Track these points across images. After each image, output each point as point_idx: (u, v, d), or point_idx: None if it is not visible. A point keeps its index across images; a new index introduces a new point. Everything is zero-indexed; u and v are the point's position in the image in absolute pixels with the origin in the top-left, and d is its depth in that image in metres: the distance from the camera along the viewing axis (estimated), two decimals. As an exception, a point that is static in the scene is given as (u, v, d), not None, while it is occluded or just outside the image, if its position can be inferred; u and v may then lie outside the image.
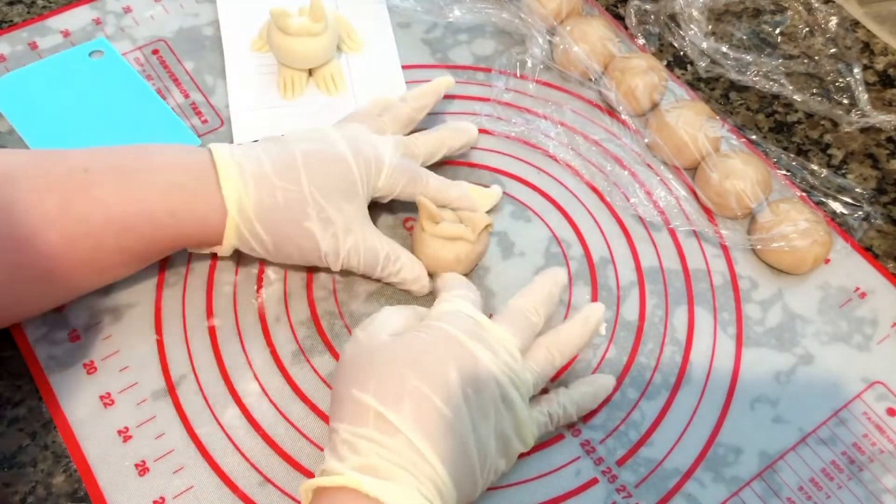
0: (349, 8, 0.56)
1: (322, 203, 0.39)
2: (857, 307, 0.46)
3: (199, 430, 0.39)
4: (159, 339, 0.42)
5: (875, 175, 0.51)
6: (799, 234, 0.44)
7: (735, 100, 0.54)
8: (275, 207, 0.39)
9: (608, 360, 0.43)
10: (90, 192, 0.36)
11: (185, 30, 0.54)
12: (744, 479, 0.40)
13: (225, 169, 0.38)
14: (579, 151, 0.50)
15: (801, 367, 0.43)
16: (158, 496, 0.38)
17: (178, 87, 0.52)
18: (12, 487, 0.38)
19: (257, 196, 0.39)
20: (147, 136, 0.48)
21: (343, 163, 0.40)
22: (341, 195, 0.40)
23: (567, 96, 0.53)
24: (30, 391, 0.40)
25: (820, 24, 0.57)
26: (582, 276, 0.46)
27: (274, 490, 0.38)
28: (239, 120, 0.50)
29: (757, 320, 0.45)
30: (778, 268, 0.46)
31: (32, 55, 0.52)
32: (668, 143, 0.49)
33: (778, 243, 0.45)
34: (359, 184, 0.41)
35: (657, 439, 0.41)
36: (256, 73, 0.52)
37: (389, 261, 0.42)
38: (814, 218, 0.45)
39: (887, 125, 0.53)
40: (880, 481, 0.40)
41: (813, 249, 0.45)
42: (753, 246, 0.46)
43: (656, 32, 0.56)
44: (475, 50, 0.55)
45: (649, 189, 0.49)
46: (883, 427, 0.42)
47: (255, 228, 0.39)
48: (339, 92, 0.52)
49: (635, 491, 0.39)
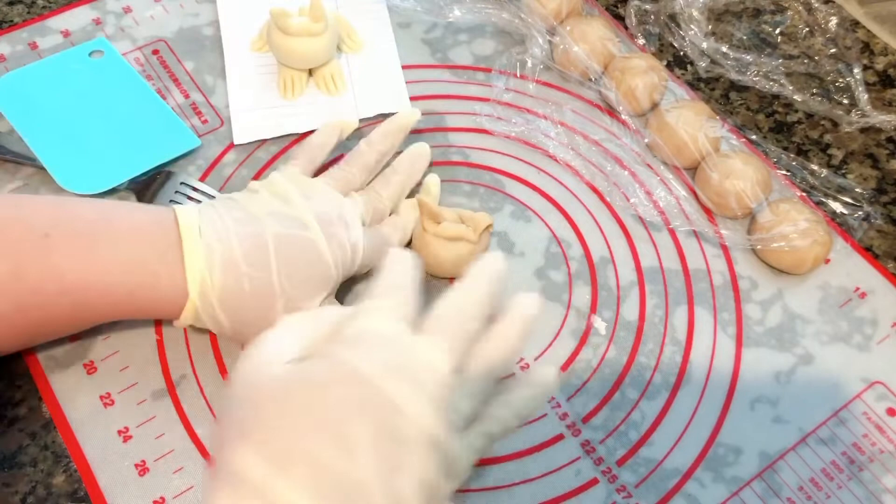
0: (349, 8, 0.56)
1: (291, 293, 0.37)
2: (857, 307, 0.46)
3: (199, 430, 0.39)
4: (159, 339, 0.42)
5: (875, 175, 0.51)
6: (799, 234, 0.44)
7: (735, 100, 0.54)
8: (240, 294, 0.36)
9: (608, 360, 0.43)
10: (48, 259, 0.34)
11: (185, 30, 0.54)
12: (744, 479, 0.40)
13: (191, 249, 0.36)
14: (579, 151, 0.50)
15: (801, 367, 0.43)
16: (158, 496, 0.38)
17: (178, 87, 0.52)
18: (12, 487, 0.38)
19: (222, 281, 0.36)
20: (147, 136, 0.48)
21: (315, 252, 0.38)
22: (312, 286, 0.38)
23: (567, 96, 0.53)
24: (30, 391, 0.40)
25: (820, 24, 0.57)
26: (582, 276, 0.46)
27: (274, 490, 0.38)
28: (239, 120, 0.50)
29: (757, 320, 0.45)
30: (778, 268, 0.46)
31: (32, 55, 0.52)
32: (668, 143, 0.49)
33: (778, 243, 0.45)
34: (332, 274, 0.39)
35: (657, 439, 0.41)
36: (256, 73, 0.52)
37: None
38: (814, 218, 0.45)
39: (887, 125, 0.53)
40: (880, 481, 0.40)
41: (813, 249, 0.45)
42: (753, 246, 0.46)
43: (656, 32, 0.56)
44: (475, 50, 0.55)
45: (649, 189, 0.49)
46: (883, 427, 0.42)
47: (215, 313, 0.37)
48: (339, 92, 0.52)
49: (635, 491, 0.39)
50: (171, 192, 0.46)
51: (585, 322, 0.44)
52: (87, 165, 0.46)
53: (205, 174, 0.48)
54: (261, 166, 0.48)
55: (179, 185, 0.46)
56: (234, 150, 0.49)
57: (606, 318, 0.44)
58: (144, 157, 0.47)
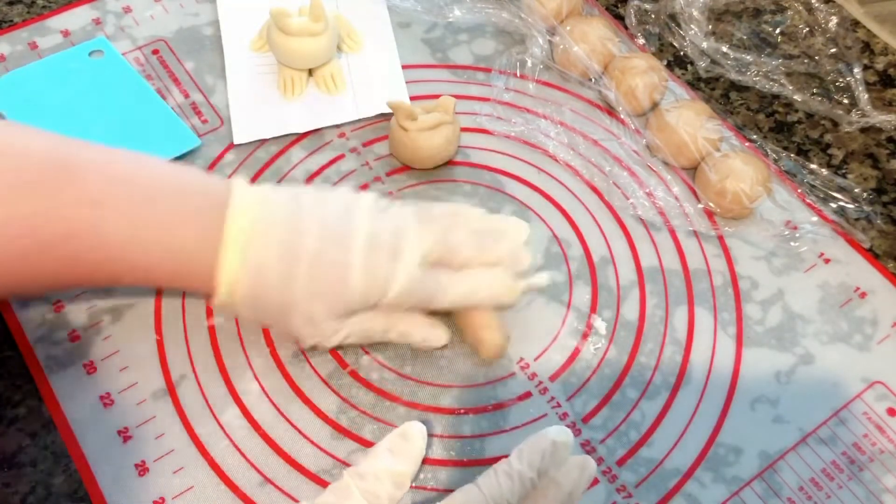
0: (349, 8, 0.56)
1: (310, 311, 0.37)
2: (857, 307, 0.46)
3: (199, 430, 0.39)
4: (159, 339, 0.42)
5: (875, 175, 0.51)
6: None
7: (735, 100, 0.54)
8: (263, 302, 0.37)
9: (608, 360, 0.43)
10: (97, 230, 0.35)
11: (185, 30, 0.54)
12: (744, 479, 0.40)
13: (230, 254, 0.36)
14: (579, 151, 0.50)
15: (801, 366, 0.43)
16: (158, 496, 0.38)
17: (178, 87, 0.52)
18: (12, 487, 0.38)
19: (249, 287, 0.37)
20: (147, 135, 0.48)
21: (345, 278, 0.37)
22: (333, 308, 0.37)
23: (567, 96, 0.53)
24: (30, 391, 0.40)
25: (820, 24, 0.57)
26: (582, 276, 0.46)
27: (274, 490, 0.38)
28: (239, 120, 0.50)
29: (757, 320, 0.45)
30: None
31: (32, 55, 0.52)
32: (668, 143, 0.49)
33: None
34: (356, 300, 0.37)
35: (657, 439, 0.41)
36: (256, 73, 0.52)
37: (386, 335, 0.40)
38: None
39: (887, 125, 0.53)
40: (880, 481, 0.40)
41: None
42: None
43: (656, 32, 0.56)
44: (475, 50, 0.55)
45: (649, 189, 0.49)
46: (883, 427, 0.42)
47: (239, 310, 0.38)
48: (339, 92, 0.52)
49: (635, 491, 0.39)
50: (171, 192, 0.46)
51: (585, 322, 0.44)
52: (87, 165, 0.46)
53: (205, 174, 0.48)
54: (261, 166, 0.48)
55: (179, 185, 0.46)
56: (234, 149, 0.49)
57: (606, 318, 0.44)
58: (144, 157, 0.47)
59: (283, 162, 0.49)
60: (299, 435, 0.40)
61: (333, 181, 0.48)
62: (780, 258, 0.47)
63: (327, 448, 0.39)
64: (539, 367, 0.42)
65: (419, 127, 0.46)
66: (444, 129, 0.47)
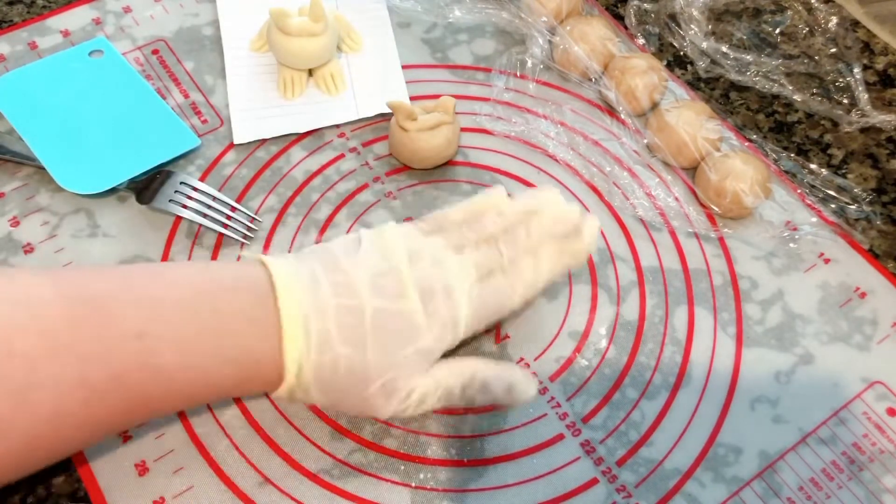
0: (349, 8, 0.56)
1: (388, 373, 0.34)
2: (857, 307, 0.46)
3: (199, 430, 0.39)
4: (159, 339, 0.42)
5: (875, 175, 0.51)
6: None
7: (735, 100, 0.54)
8: (335, 374, 0.34)
9: (608, 360, 0.43)
10: (149, 362, 0.31)
11: (185, 30, 0.54)
12: (744, 479, 0.40)
13: (291, 332, 0.33)
14: (579, 151, 0.50)
15: (801, 366, 0.43)
16: (158, 496, 0.38)
17: (178, 87, 0.52)
18: (12, 487, 0.38)
19: (317, 361, 0.34)
20: (147, 135, 0.48)
21: (414, 328, 0.35)
22: (412, 363, 0.35)
23: (567, 96, 0.53)
24: (30, 391, 0.40)
25: (820, 24, 0.57)
26: (582, 276, 0.46)
27: (274, 490, 0.38)
28: (239, 120, 0.50)
29: (757, 320, 0.45)
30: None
31: (32, 55, 0.52)
32: (668, 143, 0.49)
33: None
34: (433, 348, 0.35)
35: (657, 439, 0.41)
36: (256, 73, 0.52)
37: (469, 388, 0.36)
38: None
39: (887, 125, 0.53)
40: (880, 481, 0.40)
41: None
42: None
43: (656, 32, 0.56)
44: (475, 50, 0.55)
45: (649, 189, 0.49)
46: (883, 427, 0.42)
47: (310, 391, 0.35)
48: (339, 92, 0.52)
49: (635, 491, 0.39)
50: (171, 192, 0.46)
51: (585, 322, 0.44)
52: (87, 165, 0.46)
53: (204, 174, 0.48)
54: (261, 166, 0.48)
55: (179, 185, 0.46)
56: (233, 149, 0.49)
57: (606, 318, 0.44)
58: (144, 157, 0.47)
59: (283, 162, 0.49)
60: (299, 435, 0.40)
61: (333, 181, 0.48)
62: (779, 258, 0.47)
63: (327, 448, 0.39)
64: (539, 367, 0.43)
65: (419, 127, 0.47)
66: (443, 129, 0.47)
